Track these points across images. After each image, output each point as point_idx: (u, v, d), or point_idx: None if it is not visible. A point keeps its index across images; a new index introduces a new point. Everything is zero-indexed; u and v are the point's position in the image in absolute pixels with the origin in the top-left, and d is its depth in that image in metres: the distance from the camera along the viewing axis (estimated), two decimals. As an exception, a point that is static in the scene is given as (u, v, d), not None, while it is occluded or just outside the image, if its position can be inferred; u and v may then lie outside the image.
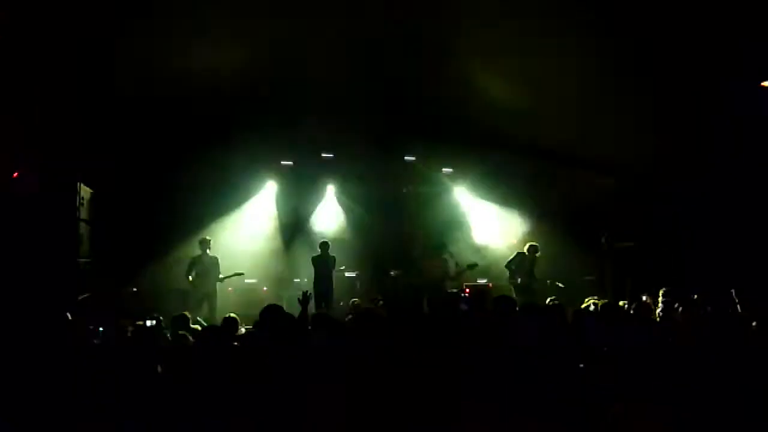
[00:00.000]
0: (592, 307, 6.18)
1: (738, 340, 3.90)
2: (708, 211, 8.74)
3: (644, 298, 7.11)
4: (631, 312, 5.56)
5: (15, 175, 8.26)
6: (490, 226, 12.82)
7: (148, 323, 4.17)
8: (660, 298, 6.43)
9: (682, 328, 4.68)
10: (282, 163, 12.52)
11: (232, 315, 6.48)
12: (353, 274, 12.10)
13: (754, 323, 4.48)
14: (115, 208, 10.66)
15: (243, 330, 6.50)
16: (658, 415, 2.55)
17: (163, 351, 4.15)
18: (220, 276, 10.34)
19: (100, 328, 5.38)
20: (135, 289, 10.22)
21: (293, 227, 12.61)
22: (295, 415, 2.65)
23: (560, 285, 10.69)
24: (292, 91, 10.02)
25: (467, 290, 4.01)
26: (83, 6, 6.95)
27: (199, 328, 5.94)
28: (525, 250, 10.83)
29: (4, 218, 7.61)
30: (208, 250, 10.42)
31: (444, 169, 12.89)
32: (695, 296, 6.35)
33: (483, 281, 11.87)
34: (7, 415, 1.92)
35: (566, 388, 3.00)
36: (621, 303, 6.19)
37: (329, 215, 12.81)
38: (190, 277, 10.13)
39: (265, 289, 11.57)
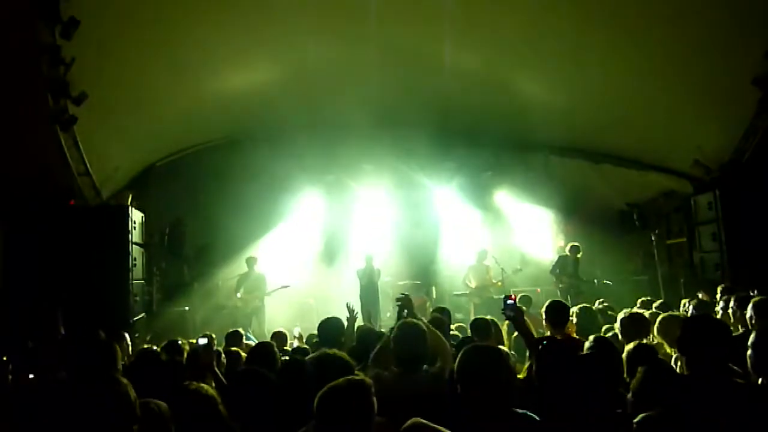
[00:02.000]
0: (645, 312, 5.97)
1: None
2: (765, 202, 8.37)
3: (700, 295, 6.85)
4: (689, 312, 5.34)
5: (72, 203, 8.56)
6: (534, 230, 12.60)
7: (201, 341, 4.17)
8: (719, 295, 6.17)
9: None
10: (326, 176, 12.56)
11: (281, 330, 6.59)
12: (402, 283, 12.05)
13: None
14: (162, 231, 10.87)
15: (295, 343, 6.57)
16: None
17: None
18: (268, 290, 10.50)
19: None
20: (187, 308, 10.41)
21: (337, 239, 12.63)
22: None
23: (608, 283, 10.44)
24: (332, 103, 10.12)
25: (513, 296, 3.99)
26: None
27: (252, 343, 6.01)
28: (566, 252, 10.66)
29: (61, 241, 7.87)
30: (255, 267, 10.63)
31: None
32: (754, 292, 6.06)
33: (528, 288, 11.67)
34: None
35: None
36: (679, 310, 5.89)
37: (372, 226, 12.79)
38: (239, 294, 10.39)
39: (311, 301, 11.63)
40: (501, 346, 4.46)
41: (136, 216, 9.03)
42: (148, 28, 7.13)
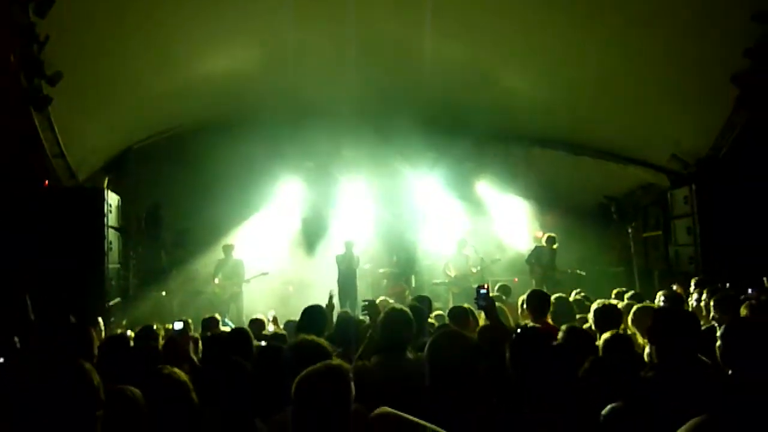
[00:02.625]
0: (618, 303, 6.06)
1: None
2: (739, 198, 8.52)
3: (674, 287, 6.96)
4: (662, 303, 5.43)
5: (45, 184, 8.41)
6: (513, 220, 12.71)
7: (177, 326, 4.15)
8: (692, 288, 6.29)
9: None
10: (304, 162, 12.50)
11: (259, 316, 6.59)
12: (382, 271, 12.02)
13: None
14: (139, 216, 10.76)
15: (271, 327, 6.59)
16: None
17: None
18: (246, 278, 10.47)
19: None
20: (164, 294, 10.34)
21: (316, 226, 12.62)
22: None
23: (581, 273, 10.60)
24: (313, 89, 10.04)
25: (486, 286, 4.07)
26: None
27: (228, 329, 6.01)
28: (543, 242, 10.79)
29: (33, 223, 7.73)
30: (232, 254, 10.61)
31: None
32: (727, 285, 6.20)
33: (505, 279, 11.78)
34: None
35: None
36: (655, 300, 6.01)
37: (352, 213, 12.78)
38: (217, 280, 10.38)
39: (290, 288, 11.61)
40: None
41: (112, 199, 8.92)
42: (126, 7, 6.98)
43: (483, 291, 3.93)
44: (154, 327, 5.47)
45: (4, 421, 1.71)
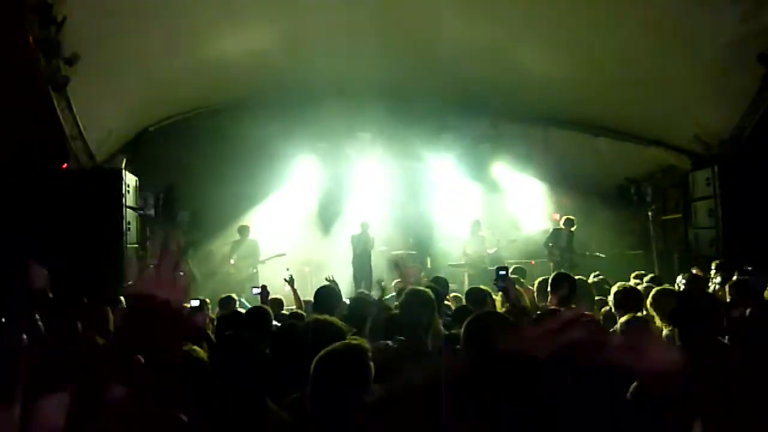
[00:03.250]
0: (637, 284, 6.02)
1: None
2: (763, 179, 8.38)
3: (694, 271, 6.90)
4: (682, 287, 5.39)
5: (64, 166, 8.49)
6: (530, 202, 12.65)
7: (194, 303, 4.20)
8: (713, 272, 6.22)
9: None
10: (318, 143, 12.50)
11: (278, 296, 6.65)
12: (395, 252, 12.08)
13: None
14: (156, 197, 10.87)
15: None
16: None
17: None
18: (261, 258, 10.55)
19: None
20: (181, 273, 10.42)
21: (331, 207, 12.64)
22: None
23: (601, 256, 10.51)
24: (327, 69, 10.01)
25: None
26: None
27: (243, 310, 6.05)
28: (561, 225, 10.72)
29: (52, 205, 7.83)
30: (248, 235, 10.69)
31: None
32: (749, 268, 6.12)
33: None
34: None
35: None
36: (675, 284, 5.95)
37: (367, 194, 12.79)
38: (232, 261, 10.47)
39: (307, 269, 11.68)
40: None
41: (130, 180, 9.01)
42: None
43: (502, 272, 3.91)
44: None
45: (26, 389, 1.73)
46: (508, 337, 2.38)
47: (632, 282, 5.91)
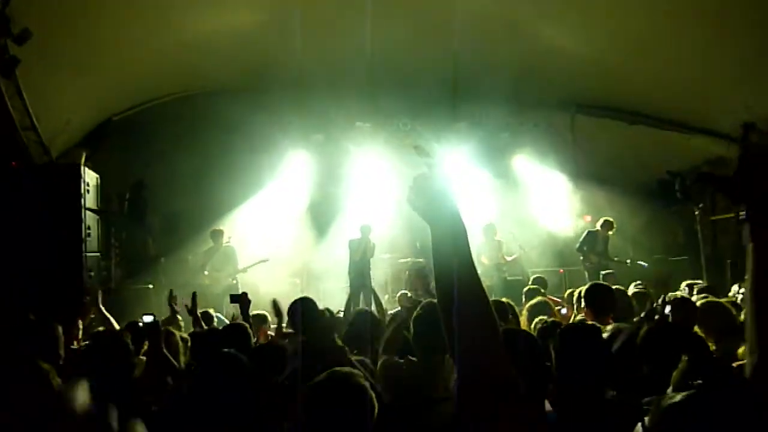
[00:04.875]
0: (688, 293, 5.89)
1: None
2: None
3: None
4: (740, 299, 5.24)
5: (14, 164, 8.39)
6: (555, 201, 12.56)
7: (146, 319, 4.22)
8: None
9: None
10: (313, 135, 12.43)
11: (261, 312, 6.50)
12: (403, 261, 11.97)
13: None
14: (122, 196, 10.77)
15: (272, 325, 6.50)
16: None
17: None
18: (242, 266, 10.46)
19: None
20: (151, 286, 10.34)
21: (326, 208, 12.58)
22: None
23: (643, 264, 10.40)
24: (323, 52, 9.91)
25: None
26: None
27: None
28: (597, 227, 10.61)
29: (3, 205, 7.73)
30: (222, 241, 10.58)
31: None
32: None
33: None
34: None
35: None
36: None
37: (368, 193, 12.70)
38: (206, 272, 10.36)
39: (297, 282, 11.57)
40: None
41: (90, 177, 8.89)
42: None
43: None
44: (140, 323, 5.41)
45: None
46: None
47: (682, 291, 5.78)
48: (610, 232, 10.68)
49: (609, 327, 4.09)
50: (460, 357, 1.64)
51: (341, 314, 6.23)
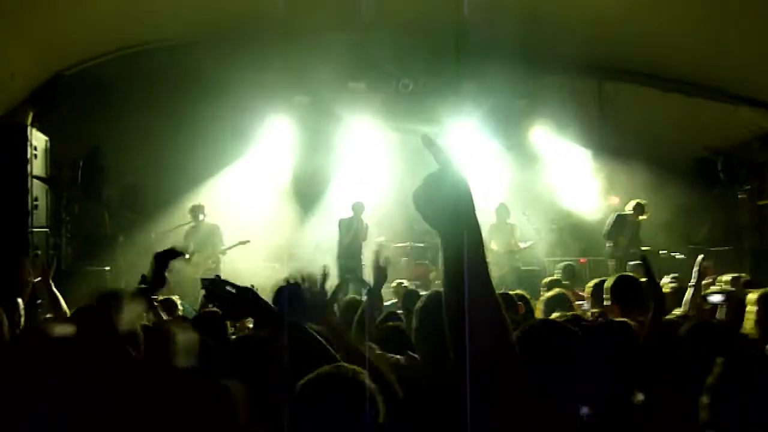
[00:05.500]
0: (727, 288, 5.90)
1: None
2: None
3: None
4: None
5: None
6: (578, 179, 12.56)
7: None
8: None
9: None
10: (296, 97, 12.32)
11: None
12: (400, 245, 11.95)
13: None
14: (75, 164, 10.65)
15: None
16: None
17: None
18: (222, 247, 10.41)
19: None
20: (108, 269, 10.32)
21: (312, 183, 12.55)
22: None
23: (680, 256, 10.42)
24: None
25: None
26: None
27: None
28: (627, 210, 10.59)
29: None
30: (202, 217, 10.52)
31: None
32: None
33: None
34: None
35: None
36: None
37: (360, 166, 12.67)
38: (187, 254, 10.31)
39: (276, 266, 11.55)
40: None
41: (38, 140, 8.86)
42: None
43: None
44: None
45: None
46: None
47: (722, 285, 5.80)
48: (642, 217, 10.69)
49: (633, 323, 4.12)
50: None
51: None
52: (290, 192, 12.52)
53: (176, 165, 11.37)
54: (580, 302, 6.10)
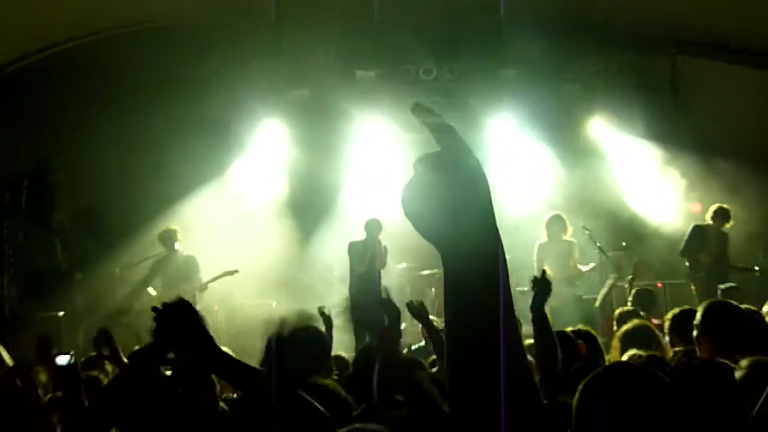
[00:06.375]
0: None
1: None
2: None
3: None
4: None
5: None
6: (654, 182, 12.50)
7: (60, 360, 4.45)
8: None
9: None
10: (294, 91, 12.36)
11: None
12: (427, 273, 11.94)
13: None
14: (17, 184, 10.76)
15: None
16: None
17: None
18: (203, 281, 10.54)
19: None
20: (61, 313, 10.28)
21: (314, 197, 12.52)
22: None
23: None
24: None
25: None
26: None
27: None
28: (707, 220, 10.61)
29: None
30: (177, 246, 10.53)
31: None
32: None
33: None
34: None
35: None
36: None
37: (374, 174, 12.65)
38: (152, 289, 10.39)
39: (273, 304, 11.56)
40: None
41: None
42: None
43: None
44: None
45: None
46: None
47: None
48: (727, 226, 10.52)
49: (743, 363, 3.92)
50: None
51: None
52: (287, 208, 12.52)
53: (143, 183, 11.42)
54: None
